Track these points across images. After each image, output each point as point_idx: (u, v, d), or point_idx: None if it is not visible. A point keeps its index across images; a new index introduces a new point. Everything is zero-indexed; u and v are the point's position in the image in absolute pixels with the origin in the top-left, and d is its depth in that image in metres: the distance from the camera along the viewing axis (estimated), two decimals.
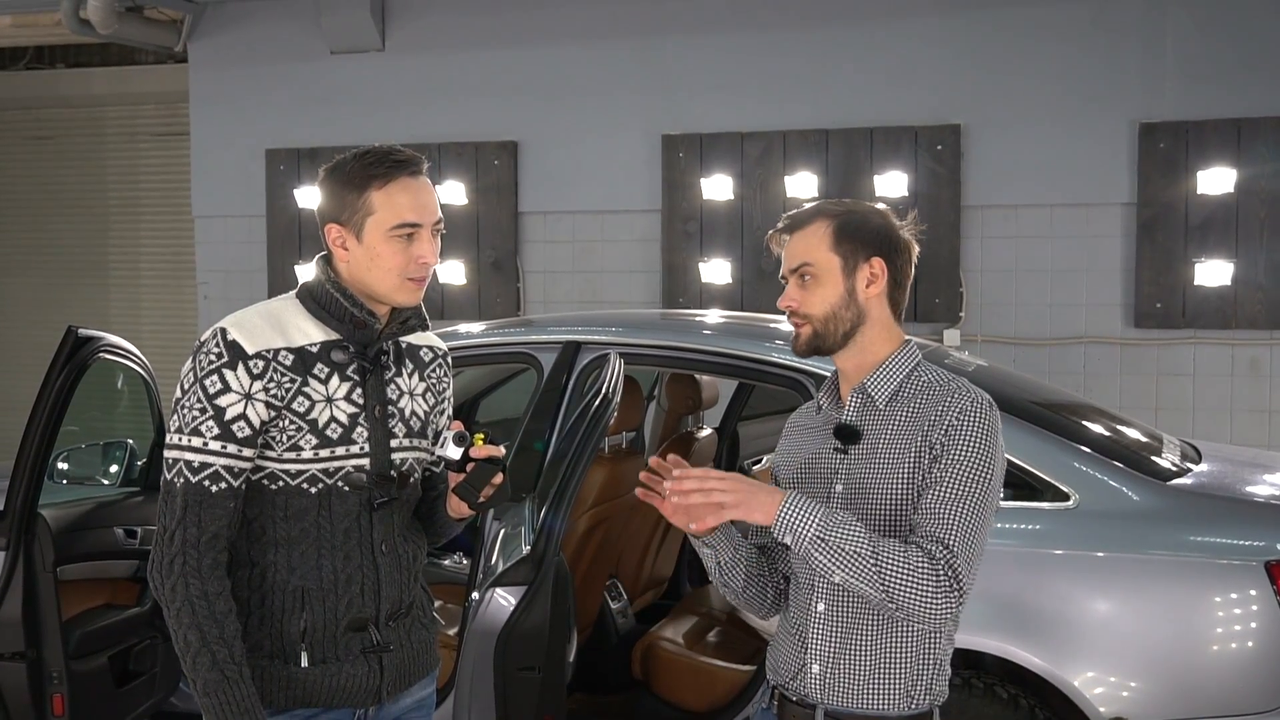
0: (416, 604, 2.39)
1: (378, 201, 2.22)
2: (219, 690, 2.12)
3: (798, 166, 6.58)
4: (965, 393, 2.21)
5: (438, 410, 2.42)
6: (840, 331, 2.25)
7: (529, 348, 3.97)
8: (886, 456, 2.21)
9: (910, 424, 2.21)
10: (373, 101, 7.29)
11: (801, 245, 2.27)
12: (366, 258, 2.24)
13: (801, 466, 2.31)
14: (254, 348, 2.19)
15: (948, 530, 2.11)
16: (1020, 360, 6.27)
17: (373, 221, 2.23)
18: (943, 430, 2.17)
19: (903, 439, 2.20)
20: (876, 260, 2.25)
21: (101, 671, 3.67)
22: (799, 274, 2.26)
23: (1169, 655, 3.23)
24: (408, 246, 2.23)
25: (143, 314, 8.87)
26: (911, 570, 2.07)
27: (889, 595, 2.08)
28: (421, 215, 2.24)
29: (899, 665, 2.20)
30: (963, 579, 2.09)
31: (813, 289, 2.25)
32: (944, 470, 2.15)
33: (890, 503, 2.19)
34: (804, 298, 2.26)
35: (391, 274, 2.24)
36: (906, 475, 2.18)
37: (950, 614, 2.10)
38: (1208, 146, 6.09)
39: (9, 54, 9.00)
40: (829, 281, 2.24)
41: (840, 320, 2.25)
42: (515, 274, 7.13)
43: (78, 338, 3.49)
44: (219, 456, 2.16)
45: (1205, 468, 3.78)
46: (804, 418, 2.43)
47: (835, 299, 2.25)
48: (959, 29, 6.44)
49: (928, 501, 2.14)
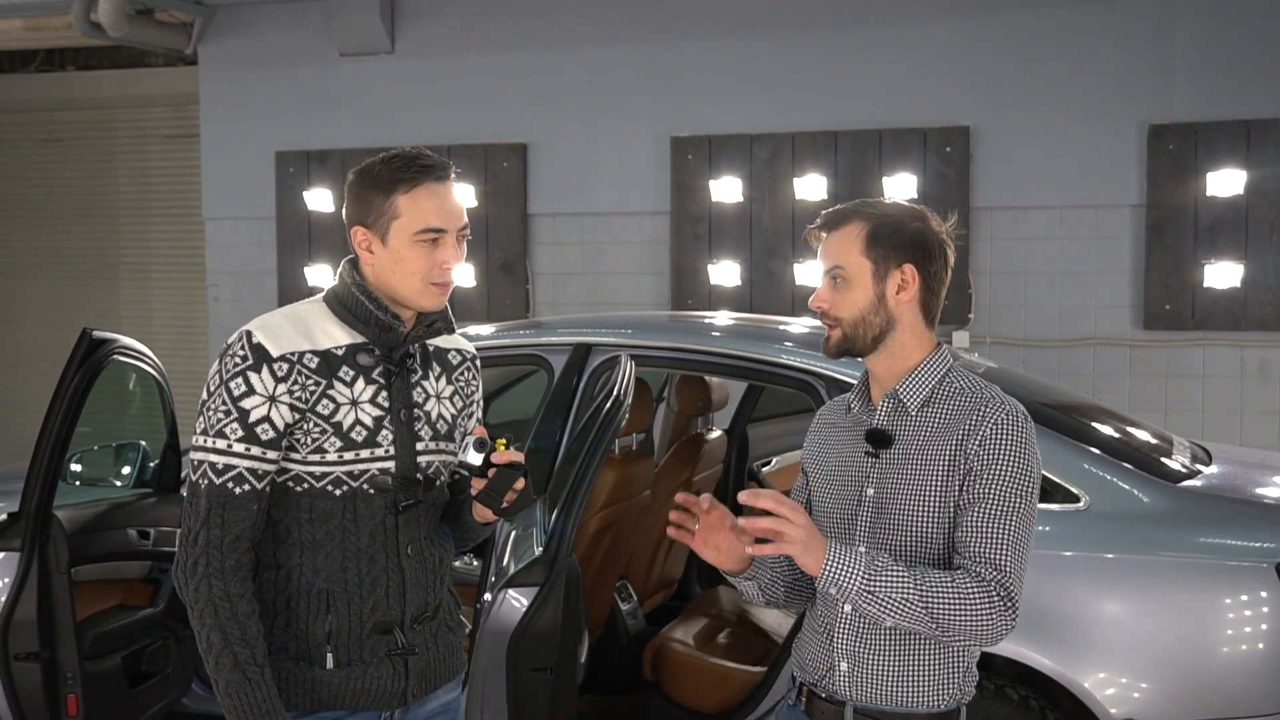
0: (444, 607, 2.38)
1: (403, 206, 2.22)
2: (240, 691, 2.13)
3: (807, 168, 6.59)
4: (999, 403, 2.21)
5: (465, 413, 2.42)
6: (869, 335, 2.25)
7: (539, 349, 3.98)
8: (919, 463, 2.21)
9: (943, 431, 2.21)
10: (382, 104, 7.31)
11: (835, 247, 2.26)
12: (391, 261, 2.25)
13: (833, 467, 2.32)
14: (279, 350, 2.19)
15: (996, 550, 2.12)
16: (1029, 362, 6.28)
17: (398, 225, 2.23)
18: (977, 442, 2.17)
19: (935, 447, 2.20)
20: (908, 267, 2.24)
21: (115, 672, 3.68)
22: (831, 275, 2.26)
23: (1179, 657, 3.23)
24: (432, 251, 2.24)
25: (153, 315, 8.89)
26: (963, 599, 2.09)
27: (942, 630, 2.11)
28: (446, 221, 2.24)
29: (927, 664, 2.21)
30: (1015, 597, 2.11)
31: (844, 292, 2.24)
32: (986, 487, 2.15)
33: (921, 510, 2.20)
34: (835, 299, 2.25)
35: (415, 278, 2.24)
36: (939, 483, 2.19)
37: (1006, 633, 2.11)
38: (1217, 148, 6.08)
39: (20, 57, 9.03)
40: (859, 286, 2.24)
41: (869, 325, 2.24)
42: (525, 276, 7.14)
43: (92, 340, 3.50)
44: (243, 459, 2.17)
45: (1215, 469, 3.78)
46: (834, 414, 2.41)
47: (865, 303, 2.24)
48: (968, 31, 6.45)
49: (972, 520, 2.15)
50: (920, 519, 2.20)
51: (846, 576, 2.09)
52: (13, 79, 9.08)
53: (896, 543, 2.22)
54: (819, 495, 2.35)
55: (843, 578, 2.09)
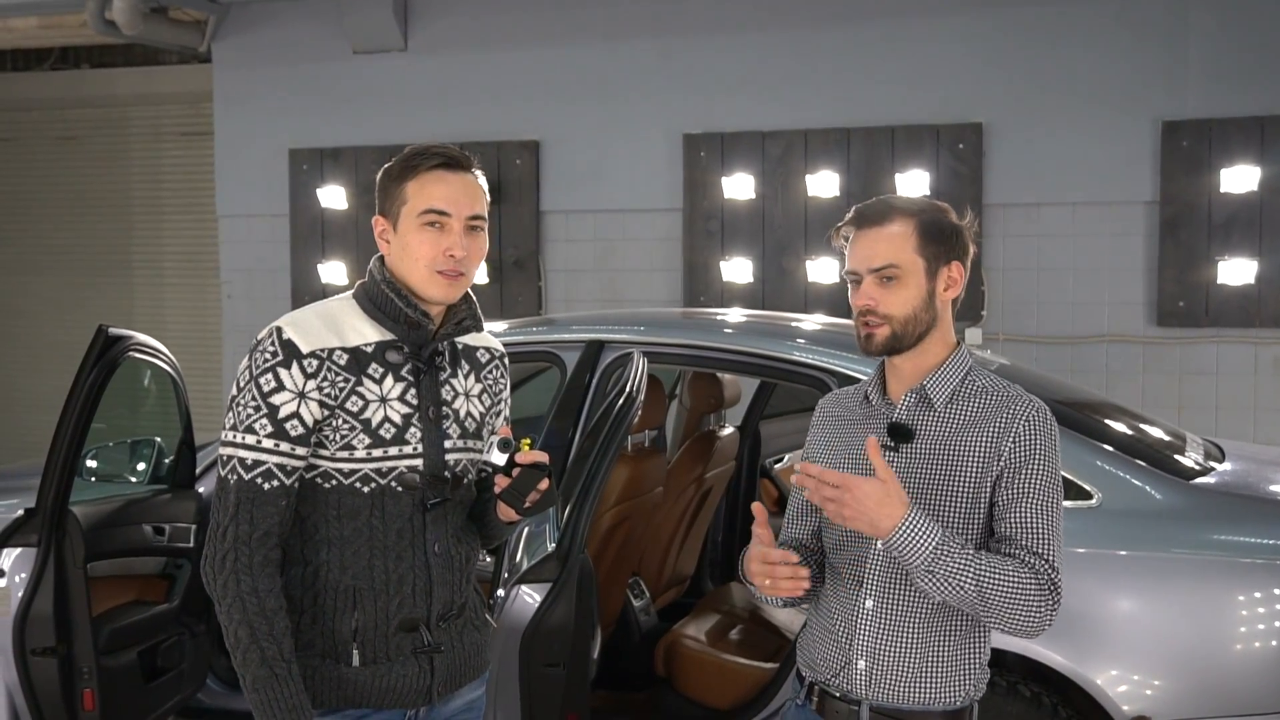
0: (470, 606, 2.38)
1: (411, 190, 2.25)
2: (267, 687, 2.13)
3: (819, 165, 6.59)
4: (1027, 400, 2.23)
5: (494, 412, 2.42)
6: (916, 333, 2.25)
7: (552, 347, 3.99)
8: (944, 459, 2.22)
9: (971, 428, 2.22)
10: (395, 101, 7.33)
11: (886, 245, 2.23)
12: (400, 248, 2.26)
13: (846, 460, 2.30)
14: (309, 347, 2.20)
15: (1044, 544, 2.15)
16: (1042, 359, 6.27)
17: (406, 210, 2.25)
18: (1011, 439, 2.19)
19: (963, 443, 2.21)
20: (956, 264, 2.26)
21: (131, 667, 3.69)
22: (881, 274, 2.23)
23: (1192, 654, 3.22)
24: (437, 237, 2.24)
25: (166, 313, 8.92)
26: (1017, 586, 2.09)
27: (989, 612, 2.11)
28: (450, 205, 2.24)
29: (945, 661, 2.22)
30: (1060, 589, 2.13)
31: (895, 290, 2.22)
32: (1026, 482, 2.17)
33: (946, 504, 2.20)
34: (884, 297, 2.23)
35: (420, 264, 2.24)
36: (968, 478, 2.20)
37: (1048, 626, 2.13)
38: (1231, 144, 6.07)
39: (35, 55, 9.07)
40: (913, 284, 2.23)
41: (919, 322, 2.24)
42: (537, 273, 7.15)
43: (108, 336, 3.51)
44: (272, 454, 2.17)
45: (1228, 466, 3.78)
46: (839, 407, 2.41)
47: (917, 301, 2.23)
48: (980, 27, 6.44)
49: (1018, 516, 2.16)
50: (945, 514, 2.20)
51: (919, 543, 2.08)
52: (27, 77, 9.12)
53: None
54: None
55: (915, 543, 2.08)
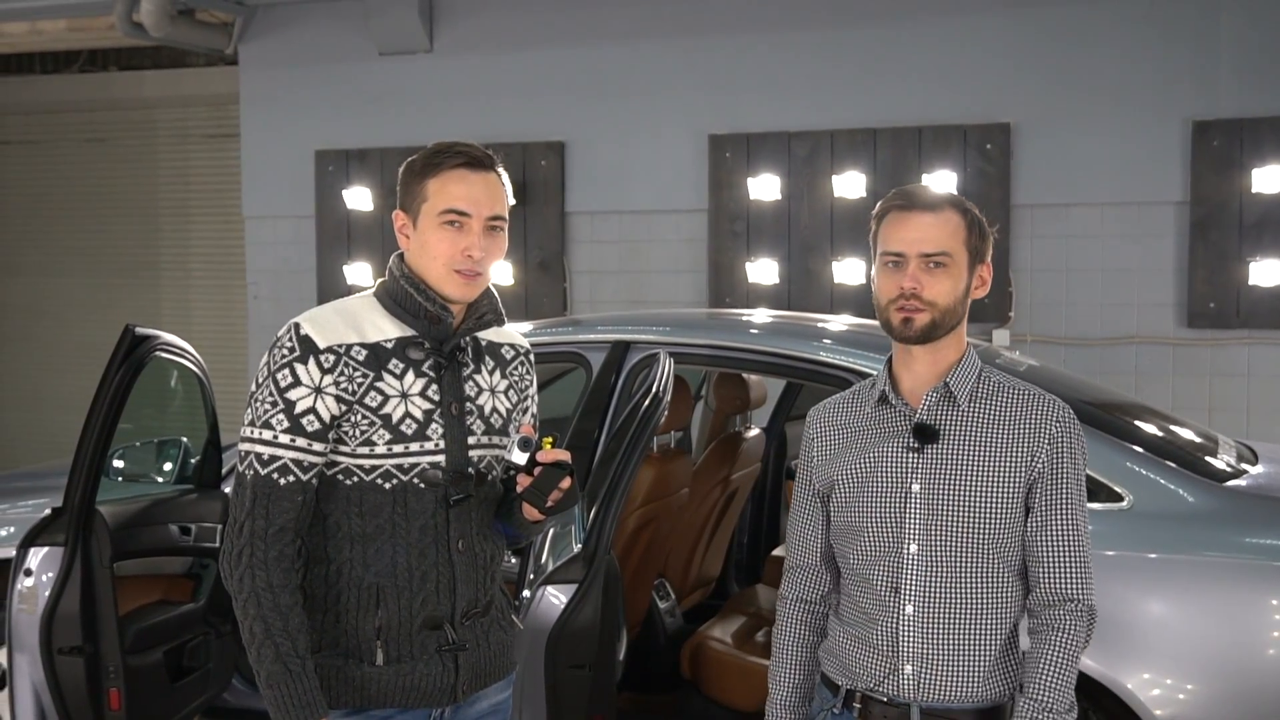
0: (495, 604, 2.37)
1: (432, 188, 2.25)
2: (282, 682, 2.13)
3: (846, 166, 6.56)
4: (1050, 400, 2.26)
5: (520, 408, 2.40)
6: (949, 325, 2.24)
7: (578, 347, 3.98)
8: (974, 457, 2.21)
9: (998, 425, 2.22)
10: (421, 102, 7.33)
11: (940, 231, 2.22)
12: (419, 245, 2.27)
13: (866, 467, 2.29)
14: (326, 342, 2.20)
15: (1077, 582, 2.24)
16: (1071, 360, 6.22)
17: (425, 208, 2.25)
18: (1046, 441, 2.21)
19: (994, 440, 2.22)
20: (987, 266, 2.29)
21: (157, 666, 3.70)
22: (932, 259, 2.21)
23: (1224, 659, 3.19)
24: (456, 236, 2.24)
25: (193, 314, 8.96)
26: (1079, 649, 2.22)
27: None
28: (470, 205, 2.24)
29: (989, 656, 2.23)
30: (1094, 610, 2.24)
31: (941, 278, 2.22)
32: (1059, 491, 2.21)
33: (981, 503, 2.20)
34: (930, 283, 2.21)
35: (438, 262, 2.24)
36: (1004, 476, 2.21)
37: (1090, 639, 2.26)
38: (1262, 144, 6.01)
39: (63, 57, 9.13)
40: (958, 275, 2.23)
41: (955, 314, 2.24)
42: (562, 274, 7.15)
43: (135, 336, 3.52)
44: (288, 450, 2.17)
45: (1261, 469, 3.74)
46: (840, 416, 2.39)
47: (959, 293, 2.24)
48: (1007, 27, 6.40)
49: (1048, 538, 2.21)
50: (980, 512, 2.20)
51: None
52: (56, 79, 9.18)
53: (952, 537, 2.21)
54: (853, 498, 2.30)
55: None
